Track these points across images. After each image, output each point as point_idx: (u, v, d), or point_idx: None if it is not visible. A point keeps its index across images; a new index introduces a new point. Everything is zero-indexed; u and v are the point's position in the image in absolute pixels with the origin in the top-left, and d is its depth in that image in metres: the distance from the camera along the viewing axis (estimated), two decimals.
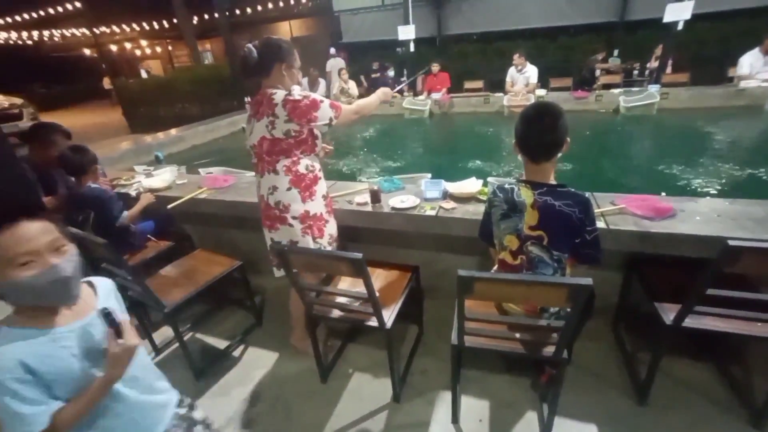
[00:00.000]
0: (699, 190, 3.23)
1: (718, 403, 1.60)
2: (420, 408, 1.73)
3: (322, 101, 1.59)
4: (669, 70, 6.45)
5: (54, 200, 2.31)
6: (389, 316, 1.62)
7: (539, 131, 1.23)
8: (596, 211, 1.73)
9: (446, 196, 2.06)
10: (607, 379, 1.76)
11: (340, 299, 1.71)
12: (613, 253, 1.76)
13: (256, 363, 2.09)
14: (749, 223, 1.55)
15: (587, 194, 1.24)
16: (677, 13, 5.72)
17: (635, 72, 7.35)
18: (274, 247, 1.46)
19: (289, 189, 1.65)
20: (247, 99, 8.02)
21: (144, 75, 13.11)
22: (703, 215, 1.65)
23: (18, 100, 8.23)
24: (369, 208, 2.02)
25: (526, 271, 1.34)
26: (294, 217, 1.67)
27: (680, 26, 5.93)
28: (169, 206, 2.34)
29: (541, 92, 6.35)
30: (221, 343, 2.25)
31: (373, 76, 8.08)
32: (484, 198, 1.83)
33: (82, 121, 12.25)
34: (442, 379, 1.83)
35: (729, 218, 1.61)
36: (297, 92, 1.57)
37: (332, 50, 9.43)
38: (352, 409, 1.76)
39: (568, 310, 1.12)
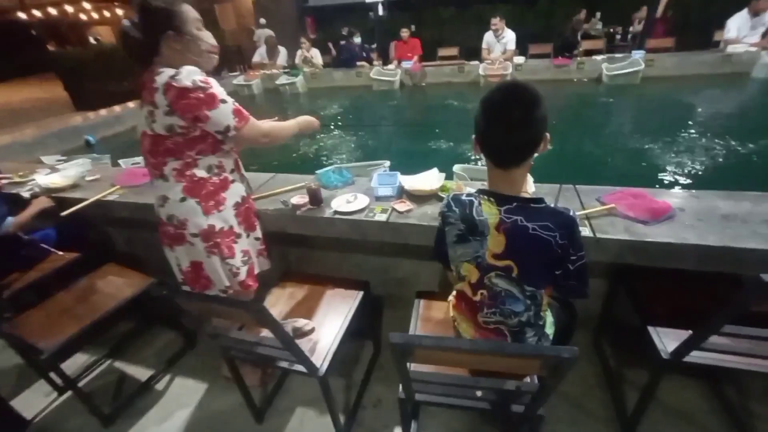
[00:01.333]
0: (691, 171, 2.96)
1: None
2: None
3: (223, 101, 1.17)
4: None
5: None
6: (324, 356, 1.28)
7: (506, 127, 0.85)
8: (581, 212, 1.41)
9: (402, 193, 1.69)
10: (589, 410, 1.50)
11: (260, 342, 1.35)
12: (600, 262, 1.46)
13: (182, 398, 1.75)
14: (764, 227, 1.26)
15: (571, 211, 0.88)
16: None
17: (618, 37, 6.95)
18: (151, 292, 1.07)
19: (183, 200, 1.24)
20: None
21: (93, 43, 11.80)
22: (706, 216, 1.35)
23: None
24: (307, 212, 1.64)
25: (488, 309, 1.01)
26: (194, 234, 1.27)
27: None
28: (64, 213, 1.88)
29: (520, 59, 5.93)
30: (144, 373, 1.88)
31: (342, 43, 7.40)
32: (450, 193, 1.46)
33: (20, 96, 11.03)
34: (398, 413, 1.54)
35: (739, 220, 1.31)
36: (188, 76, 1.12)
37: (261, 20, 8.70)
38: None
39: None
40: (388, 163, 2.18)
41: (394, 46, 6.81)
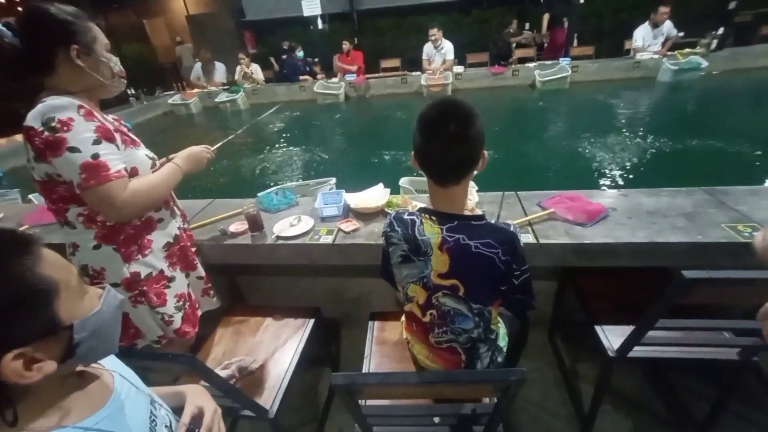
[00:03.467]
0: (619, 169, 3.22)
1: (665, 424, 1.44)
2: None
3: (70, 148, 0.93)
4: (575, 43, 6.64)
5: None
6: (274, 395, 1.18)
7: (443, 144, 0.83)
8: (524, 219, 1.44)
9: (348, 212, 1.64)
10: (550, 409, 1.53)
11: None
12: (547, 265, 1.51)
13: None
14: (681, 220, 1.36)
15: (512, 227, 0.88)
16: None
17: (546, 45, 7.48)
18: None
19: (97, 247, 1.08)
20: (131, 91, 6.77)
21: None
22: (635, 213, 1.44)
23: None
24: (247, 239, 1.53)
25: (438, 329, 0.98)
26: (115, 284, 1.11)
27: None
28: None
29: (459, 69, 6.18)
30: None
31: (284, 57, 7.26)
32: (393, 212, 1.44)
33: None
34: None
35: (660, 216, 1.40)
36: (39, 113, 0.92)
37: (177, 38, 8.65)
38: None
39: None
40: (334, 180, 2.12)
41: (337, 59, 6.80)
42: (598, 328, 1.28)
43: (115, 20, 10.25)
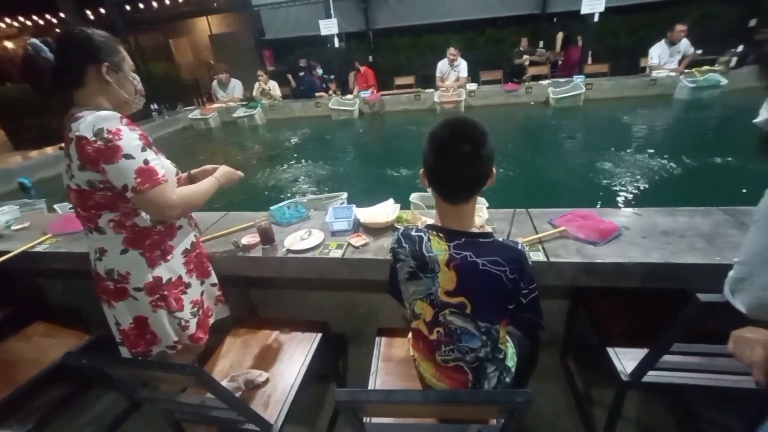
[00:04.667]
0: (633, 187, 3.16)
1: None
2: None
3: (126, 155, 1.01)
4: (590, 60, 6.64)
5: None
6: (279, 410, 1.17)
7: (457, 164, 0.84)
8: (534, 237, 1.43)
9: (358, 226, 1.65)
10: (563, 429, 1.48)
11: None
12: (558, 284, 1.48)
13: None
14: (699, 241, 1.32)
15: (519, 245, 0.88)
16: (593, 6, 5.87)
17: (560, 63, 7.50)
18: (66, 361, 0.93)
19: (124, 252, 1.13)
20: (153, 106, 7.05)
21: None
22: (649, 233, 1.40)
23: None
24: (259, 252, 1.55)
25: (445, 347, 0.97)
26: (137, 289, 1.16)
27: (596, 18, 6.09)
28: None
29: (472, 86, 6.23)
30: None
31: (301, 74, 7.48)
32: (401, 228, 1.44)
33: None
34: None
35: (677, 236, 1.37)
36: (90, 124, 0.99)
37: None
38: None
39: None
40: (345, 194, 2.14)
41: (353, 76, 6.96)
42: (610, 351, 1.25)
43: (144, 40, 10.80)
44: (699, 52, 5.62)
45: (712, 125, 4.76)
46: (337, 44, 7.09)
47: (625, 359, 1.20)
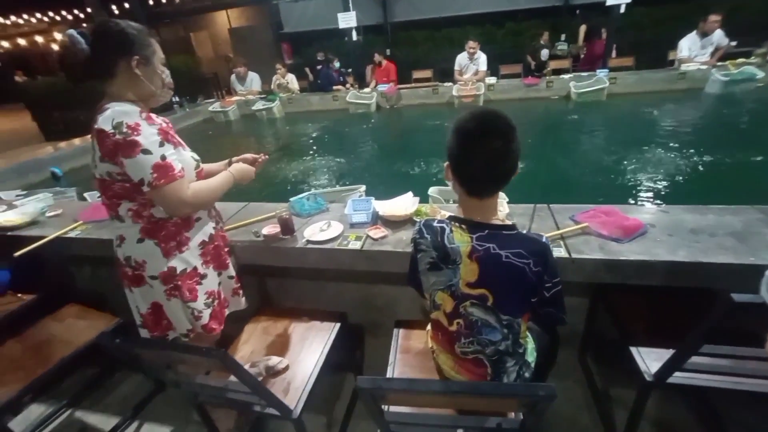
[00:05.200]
0: (659, 184, 3.06)
1: None
2: None
3: (144, 150, 1.03)
4: (614, 54, 6.44)
5: None
6: (298, 396, 1.20)
7: (487, 159, 0.83)
8: (555, 233, 1.41)
9: (376, 219, 1.66)
10: (583, 426, 1.46)
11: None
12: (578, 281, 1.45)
13: None
14: (729, 240, 1.28)
15: (544, 238, 0.87)
16: None
17: (582, 56, 7.29)
18: (100, 341, 0.97)
19: (140, 241, 1.16)
20: (175, 99, 7.18)
21: None
22: (676, 231, 1.37)
23: None
24: (279, 242, 1.58)
25: (465, 339, 0.97)
26: (152, 277, 1.19)
27: (622, 9, 5.89)
28: (18, 253, 1.75)
29: (491, 80, 6.13)
30: (108, 422, 1.74)
31: (318, 67, 7.50)
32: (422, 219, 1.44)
33: None
34: None
35: (707, 234, 1.33)
36: (109, 118, 1.02)
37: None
38: None
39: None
40: (363, 187, 2.15)
41: (370, 70, 6.93)
42: (633, 350, 1.22)
43: (165, 34, 11.01)
44: (734, 44, 5.35)
45: (745, 120, 4.54)
46: (355, 37, 7.06)
47: (649, 359, 1.18)
